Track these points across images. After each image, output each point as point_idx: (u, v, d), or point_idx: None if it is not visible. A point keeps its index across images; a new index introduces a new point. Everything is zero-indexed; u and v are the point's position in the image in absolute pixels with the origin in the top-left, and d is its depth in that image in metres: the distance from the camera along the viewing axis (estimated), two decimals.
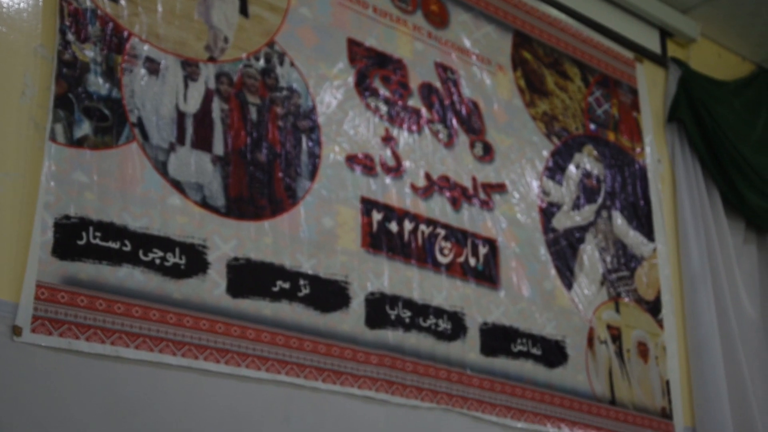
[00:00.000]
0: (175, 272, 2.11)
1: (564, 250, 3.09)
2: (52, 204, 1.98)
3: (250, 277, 2.25)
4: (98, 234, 2.02)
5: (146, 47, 2.26)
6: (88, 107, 2.11)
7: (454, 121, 2.90)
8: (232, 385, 2.11)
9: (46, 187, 1.98)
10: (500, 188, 2.96)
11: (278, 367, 2.22)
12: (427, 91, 2.87)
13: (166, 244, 2.12)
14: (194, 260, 2.16)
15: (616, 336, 3.14)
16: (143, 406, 1.95)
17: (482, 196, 2.89)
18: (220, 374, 2.10)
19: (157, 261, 2.09)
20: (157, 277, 2.08)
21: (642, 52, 3.67)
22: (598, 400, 3.00)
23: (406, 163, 2.72)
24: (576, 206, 3.19)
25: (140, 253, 2.07)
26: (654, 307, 3.31)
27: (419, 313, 2.58)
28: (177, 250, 2.14)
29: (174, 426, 1.99)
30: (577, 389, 2.95)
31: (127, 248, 2.05)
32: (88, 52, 2.14)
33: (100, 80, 2.15)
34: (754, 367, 3.58)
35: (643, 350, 3.21)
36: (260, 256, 2.29)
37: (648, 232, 3.40)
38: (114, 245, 2.03)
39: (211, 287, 2.17)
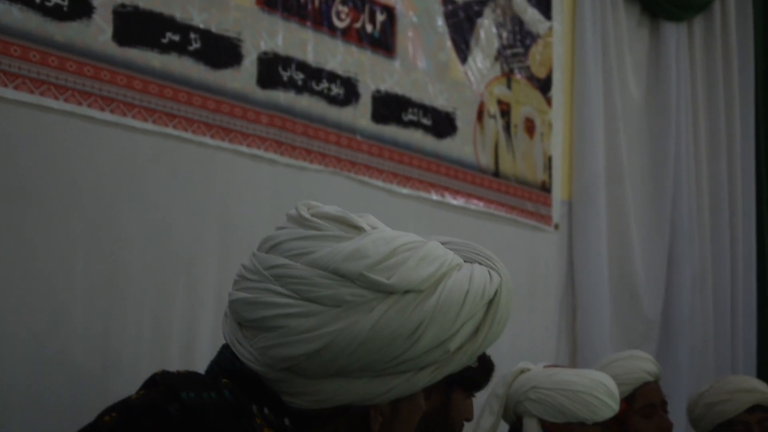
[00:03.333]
0: (57, 13, 2.01)
1: (461, 23, 3.07)
2: None
3: (138, 26, 2.17)
4: None
5: None
6: None
7: None
8: (117, 135, 2.08)
9: None
10: None
11: (166, 119, 2.19)
12: None
13: None
14: (77, 2, 2.05)
15: (505, 111, 3.21)
16: (23, 148, 1.90)
17: None
18: (105, 122, 2.06)
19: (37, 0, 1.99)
20: (37, 17, 1.97)
21: None
22: (482, 171, 3.10)
23: None
24: None
25: None
26: (544, 85, 3.37)
27: (312, 76, 2.56)
28: None
29: (55, 170, 1.96)
30: (463, 160, 3.03)
31: None
32: None
33: None
34: (633, 148, 3.74)
35: (529, 126, 3.30)
36: (149, 5, 2.19)
37: (546, 9, 3.40)
38: None
39: (96, 33, 2.08)
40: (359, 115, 2.69)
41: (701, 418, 3.04)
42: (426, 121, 2.90)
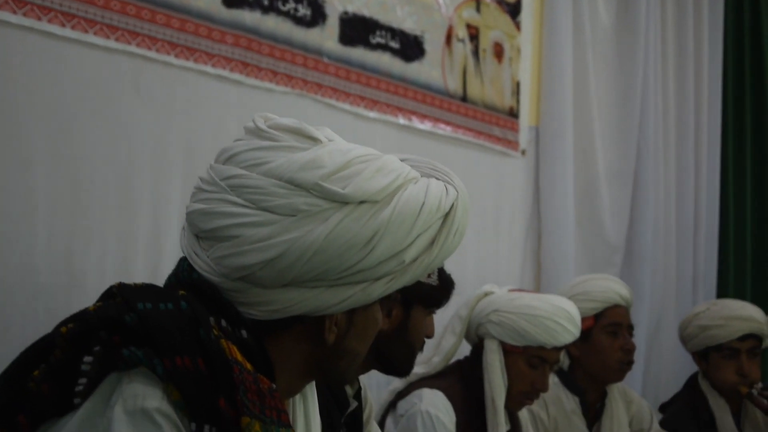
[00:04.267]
0: None
1: None
2: None
3: None
4: None
5: None
6: None
7: None
8: (78, 52, 2.04)
9: None
10: None
11: (128, 37, 2.16)
12: None
13: None
14: None
15: (474, 35, 3.19)
16: None
17: None
18: (65, 39, 2.02)
19: None
20: None
21: None
22: (450, 96, 3.09)
23: None
24: None
25: None
26: (514, 9, 3.34)
27: None
28: None
29: (14, 87, 1.92)
30: (430, 84, 3.02)
31: None
32: None
33: None
34: (601, 74, 3.74)
35: (498, 51, 3.28)
36: None
37: None
38: None
39: None
40: (326, 37, 2.66)
41: (692, 337, 3.09)
42: (394, 44, 2.88)
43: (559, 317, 2.31)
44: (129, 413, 0.99)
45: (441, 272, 1.99)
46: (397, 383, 2.37)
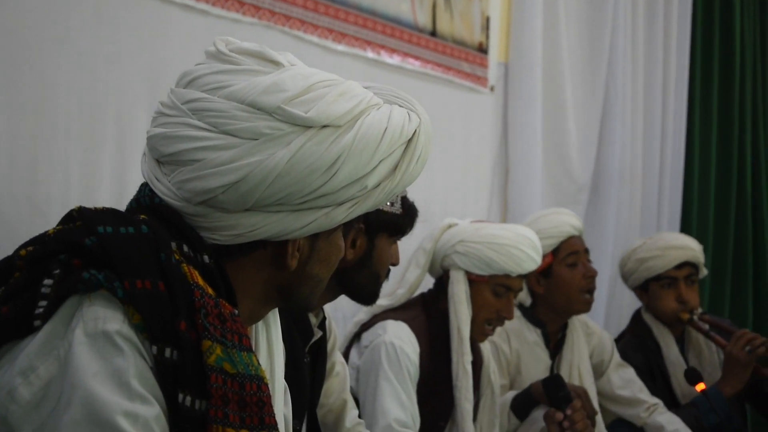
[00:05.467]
0: None
1: None
2: None
3: None
4: None
5: None
6: None
7: None
8: None
9: None
10: None
11: None
12: None
13: None
14: None
15: None
16: None
17: None
18: None
19: None
20: None
21: None
22: (419, 30, 3.07)
23: None
24: None
25: None
26: None
27: None
28: None
29: None
30: (400, 18, 2.99)
31: None
32: None
33: None
34: (571, 11, 3.73)
35: None
36: None
37: None
38: None
39: None
40: None
41: (632, 272, 3.19)
42: None
43: (523, 245, 2.35)
44: (90, 336, 1.00)
45: (404, 201, 2.01)
46: (361, 315, 2.40)
